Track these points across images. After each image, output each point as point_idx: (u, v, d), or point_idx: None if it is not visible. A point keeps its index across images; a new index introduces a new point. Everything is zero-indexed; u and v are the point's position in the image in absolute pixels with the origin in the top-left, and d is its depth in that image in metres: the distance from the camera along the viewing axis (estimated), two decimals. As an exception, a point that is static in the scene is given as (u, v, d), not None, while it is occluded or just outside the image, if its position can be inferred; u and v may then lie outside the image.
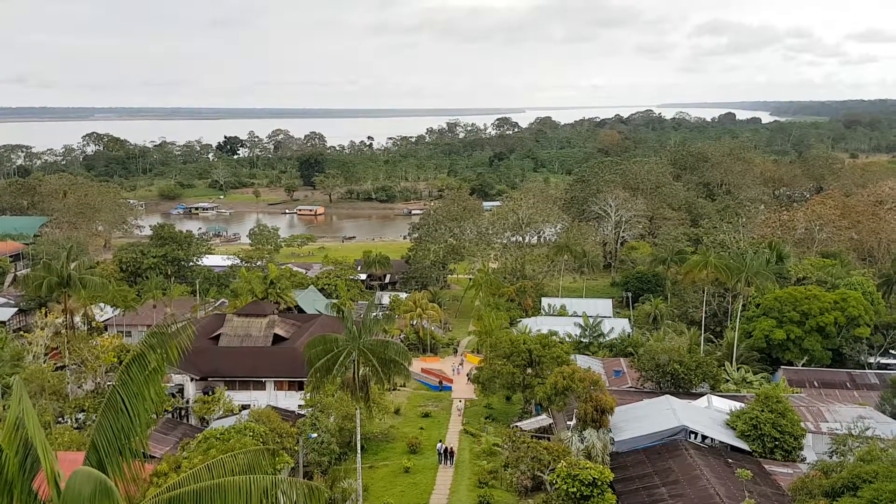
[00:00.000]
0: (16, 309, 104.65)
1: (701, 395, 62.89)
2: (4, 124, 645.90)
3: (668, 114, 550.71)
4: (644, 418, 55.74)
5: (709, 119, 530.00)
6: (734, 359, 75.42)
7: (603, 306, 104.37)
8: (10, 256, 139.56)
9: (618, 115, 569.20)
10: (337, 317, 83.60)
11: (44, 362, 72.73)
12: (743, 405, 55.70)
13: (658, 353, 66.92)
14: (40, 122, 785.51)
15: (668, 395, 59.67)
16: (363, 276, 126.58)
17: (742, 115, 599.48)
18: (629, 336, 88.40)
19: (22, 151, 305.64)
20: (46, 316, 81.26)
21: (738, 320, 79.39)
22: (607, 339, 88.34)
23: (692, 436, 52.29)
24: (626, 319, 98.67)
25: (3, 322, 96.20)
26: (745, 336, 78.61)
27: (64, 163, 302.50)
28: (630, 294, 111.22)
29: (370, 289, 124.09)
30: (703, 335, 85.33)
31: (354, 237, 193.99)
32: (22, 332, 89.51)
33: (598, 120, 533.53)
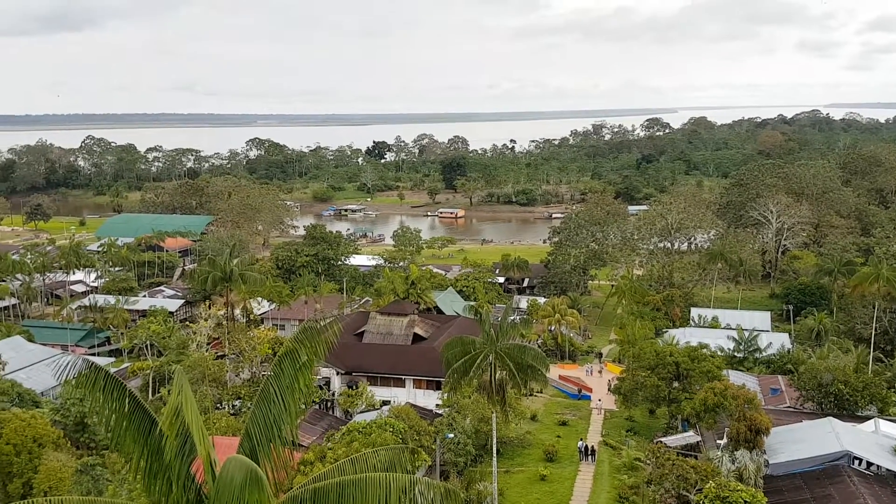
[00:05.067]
0: (183, 301, 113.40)
1: (867, 418, 57.82)
2: (177, 129, 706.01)
3: (837, 114, 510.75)
4: (803, 441, 51.96)
5: (882, 120, 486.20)
6: (908, 382, 68.46)
7: (760, 319, 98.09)
8: (180, 252, 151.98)
9: (780, 115, 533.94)
10: (474, 319, 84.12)
11: (206, 351, 78.26)
12: (917, 432, 50.46)
13: (821, 372, 61.98)
14: (208, 127, 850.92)
15: (830, 418, 55.38)
16: (501, 280, 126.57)
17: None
18: (789, 352, 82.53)
19: (192, 155, 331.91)
20: (210, 308, 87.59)
21: (914, 339, 72.06)
22: (764, 354, 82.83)
23: (856, 462, 48.20)
24: (786, 334, 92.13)
25: (172, 312, 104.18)
26: (923, 357, 71.21)
27: (229, 166, 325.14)
28: (791, 307, 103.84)
29: (508, 292, 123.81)
30: (871, 354, 78.44)
31: (493, 240, 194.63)
32: (188, 323, 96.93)
33: (758, 120, 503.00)
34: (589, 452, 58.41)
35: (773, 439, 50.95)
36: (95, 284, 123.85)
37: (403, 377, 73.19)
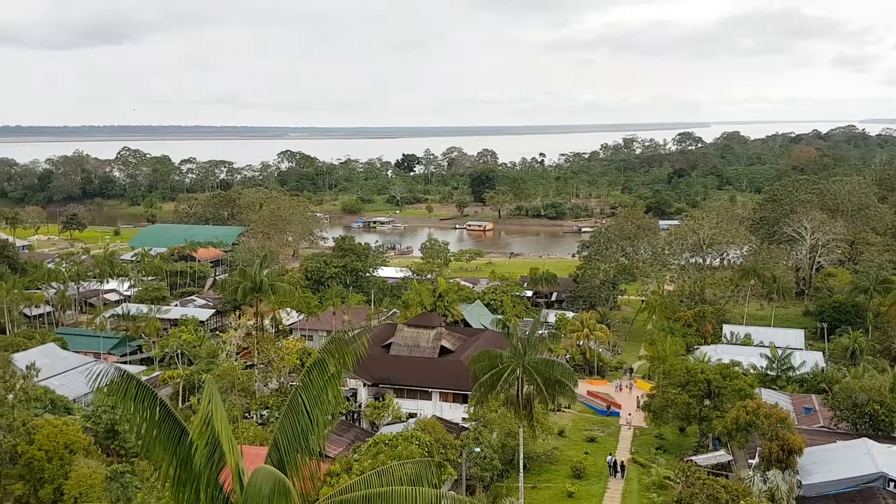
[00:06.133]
0: (214, 310, 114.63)
1: (905, 440, 56.36)
2: (210, 141, 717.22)
3: (873, 130, 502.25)
4: (837, 462, 50.95)
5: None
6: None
7: (794, 337, 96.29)
8: (211, 262, 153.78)
9: (815, 130, 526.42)
10: (502, 333, 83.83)
11: (235, 360, 78.95)
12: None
13: (856, 392, 60.59)
14: (241, 139, 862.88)
15: (865, 438, 54.27)
16: (529, 293, 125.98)
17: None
18: (823, 371, 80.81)
19: (224, 167, 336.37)
20: (240, 318, 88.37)
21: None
22: (798, 373, 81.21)
23: (891, 484, 47.10)
24: (820, 353, 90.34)
25: (203, 322, 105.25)
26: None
27: (261, 178, 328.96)
28: (825, 325, 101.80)
29: (536, 306, 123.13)
30: (909, 374, 76.18)
31: (522, 253, 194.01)
32: (218, 332, 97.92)
33: (792, 135, 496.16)
34: (618, 468, 57.71)
35: (807, 459, 49.97)
36: (128, 293, 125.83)
37: (430, 390, 73.03)
